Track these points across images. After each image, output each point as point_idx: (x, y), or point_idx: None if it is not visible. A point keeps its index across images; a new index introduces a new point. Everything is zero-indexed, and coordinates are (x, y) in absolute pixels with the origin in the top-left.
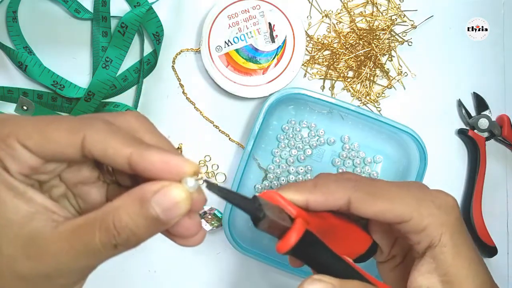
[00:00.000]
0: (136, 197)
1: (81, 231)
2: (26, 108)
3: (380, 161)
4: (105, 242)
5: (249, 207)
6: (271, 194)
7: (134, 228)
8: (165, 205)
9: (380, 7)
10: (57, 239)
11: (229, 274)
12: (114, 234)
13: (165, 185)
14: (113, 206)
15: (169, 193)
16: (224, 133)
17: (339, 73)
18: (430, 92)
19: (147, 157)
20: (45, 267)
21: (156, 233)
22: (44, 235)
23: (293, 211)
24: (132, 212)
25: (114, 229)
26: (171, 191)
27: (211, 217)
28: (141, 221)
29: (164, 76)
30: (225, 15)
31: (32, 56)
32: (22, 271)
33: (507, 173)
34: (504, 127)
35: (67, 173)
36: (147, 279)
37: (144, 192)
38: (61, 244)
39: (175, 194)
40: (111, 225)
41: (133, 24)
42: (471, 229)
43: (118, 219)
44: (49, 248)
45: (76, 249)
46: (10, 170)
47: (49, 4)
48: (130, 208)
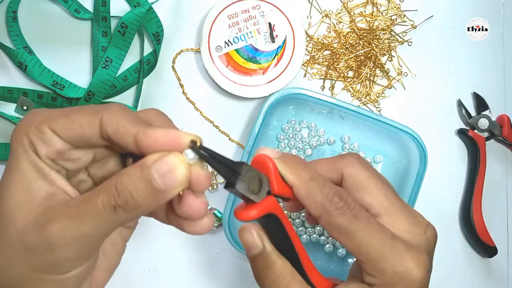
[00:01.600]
0: (138, 164)
1: (87, 198)
2: (26, 108)
3: (380, 161)
4: (106, 203)
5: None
6: (266, 160)
7: (133, 191)
8: (161, 171)
9: (380, 7)
10: (65, 210)
11: (229, 274)
12: (115, 194)
13: (164, 154)
14: (118, 173)
15: (165, 159)
16: (224, 133)
17: (339, 73)
18: (430, 92)
19: (150, 134)
20: (49, 235)
21: (156, 203)
22: (54, 210)
23: (276, 188)
24: (133, 175)
25: (115, 190)
26: (168, 158)
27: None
28: (140, 184)
29: (164, 76)
30: (225, 15)
31: (32, 56)
32: (28, 242)
33: (507, 173)
34: (504, 127)
35: (94, 168)
36: (147, 279)
37: (146, 160)
38: (67, 212)
39: (171, 160)
40: (113, 187)
41: (133, 24)
42: (471, 229)
43: (119, 181)
44: (56, 217)
45: (80, 214)
46: (40, 153)
47: (49, 4)
48: (131, 172)
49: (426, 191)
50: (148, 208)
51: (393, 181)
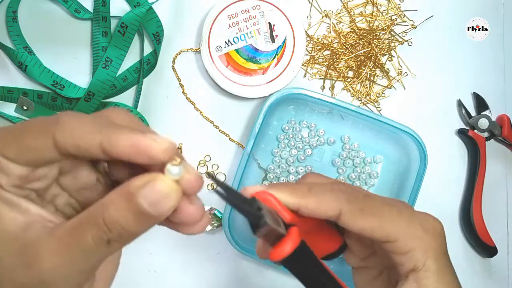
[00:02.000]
0: (123, 193)
1: (74, 232)
2: (26, 108)
3: (380, 161)
4: (97, 239)
5: (249, 211)
6: (266, 196)
7: (124, 224)
8: (152, 199)
9: (380, 7)
10: (52, 244)
11: (229, 274)
12: (105, 230)
13: (149, 179)
14: (102, 203)
15: (154, 187)
16: (224, 133)
17: (339, 73)
18: (430, 92)
19: (116, 143)
20: (42, 273)
21: (150, 226)
22: (39, 243)
23: (288, 217)
24: (120, 207)
25: (104, 226)
26: (155, 185)
27: (211, 217)
28: (130, 216)
29: (164, 76)
30: (225, 15)
31: (32, 56)
32: (20, 280)
33: (507, 173)
34: (504, 127)
35: (65, 180)
36: (147, 279)
37: (129, 187)
38: (56, 247)
39: (160, 187)
40: (101, 222)
41: (133, 24)
42: (471, 229)
43: (107, 215)
44: (44, 253)
45: (70, 250)
46: (1, 184)
47: (49, 4)
48: (117, 204)
49: (426, 191)
50: (144, 231)
51: (393, 181)
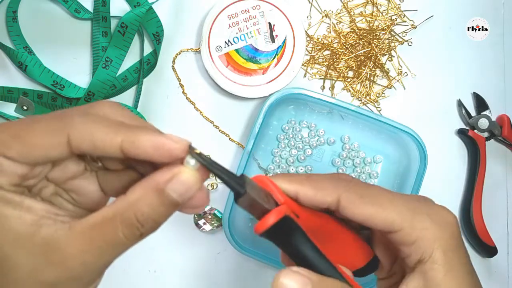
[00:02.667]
0: (152, 188)
1: (101, 229)
2: (26, 108)
3: (380, 161)
4: (130, 235)
5: (232, 181)
6: (262, 178)
7: (156, 217)
8: (180, 190)
9: (380, 7)
10: (75, 241)
11: (229, 274)
12: (138, 226)
13: (175, 173)
14: (130, 201)
15: (181, 179)
16: (224, 133)
17: (339, 73)
18: (430, 92)
19: (139, 144)
20: (71, 270)
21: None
22: (61, 240)
23: (281, 198)
24: (152, 203)
25: (137, 222)
26: (182, 177)
27: (211, 217)
28: (161, 209)
29: (164, 76)
30: (225, 15)
31: (32, 56)
32: (47, 279)
33: (507, 173)
34: (504, 127)
35: (54, 173)
36: (147, 279)
37: (158, 183)
38: (81, 245)
39: (187, 179)
40: (134, 219)
41: (133, 24)
42: (471, 229)
43: (140, 212)
44: (70, 251)
45: (98, 246)
46: (3, 186)
47: (49, 4)
48: (149, 199)
49: (426, 191)
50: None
51: (393, 181)
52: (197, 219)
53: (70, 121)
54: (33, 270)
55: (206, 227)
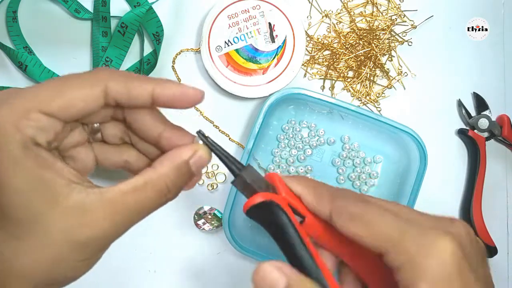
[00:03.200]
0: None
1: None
2: None
3: (380, 161)
4: (157, 199)
5: (230, 163)
6: (272, 174)
7: (181, 184)
8: (198, 164)
9: (380, 7)
10: (107, 205)
11: (229, 274)
12: (165, 192)
13: (196, 149)
14: (161, 171)
15: (199, 154)
16: (224, 133)
17: (339, 73)
18: (430, 92)
19: (168, 91)
20: (103, 231)
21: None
22: (93, 204)
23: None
24: (179, 173)
25: (166, 189)
26: (201, 153)
27: (211, 217)
28: (184, 178)
29: (164, 76)
30: (225, 15)
31: (32, 56)
32: (79, 239)
33: (507, 173)
34: (504, 127)
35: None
36: (147, 279)
37: (185, 158)
38: (113, 208)
39: (204, 154)
40: (164, 186)
41: (133, 24)
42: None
43: (169, 180)
44: (102, 214)
45: (129, 209)
46: (41, 143)
47: (49, 4)
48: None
49: (426, 191)
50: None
51: (393, 181)
52: (197, 219)
53: (106, 74)
54: (65, 230)
55: (206, 227)
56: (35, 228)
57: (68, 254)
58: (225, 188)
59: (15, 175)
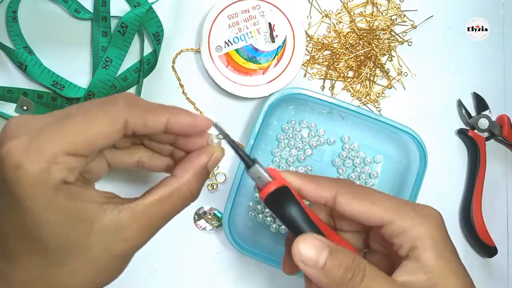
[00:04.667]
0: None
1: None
2: (26, 108)
3: (380, 161)
4: (183, 205)
5: (244, 155)
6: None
7: (202, 186)
8: (214, 164)
9: (380, 7)
10: (139, 218)
11: (229, 274)
12: (190, 198)
13: (212, 152)
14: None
15: (215, 157)
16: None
17: (339, 73)
18: (430, 92)
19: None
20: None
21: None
22: (126, 220)
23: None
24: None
25: (190, 194)
26: (217, 155)
27: (211, 217)
28: (205, 180)
29: (164, 76)
30: (225, 15)
31: (32, 56)
32: (119, 253)
33: (507, 173)
34: (504, 127)
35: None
36: (147, 280)
37: (204, 163)
38: (144, 220)
39: (218, 156)
40: (188, 192)
41: (133, 24)
42: (471, 229)
43: (193, 187)
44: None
45: (157, 218)
46: (70, 181)
47: (49, 4)
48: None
49: (426, 191)
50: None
51: (393, 181)
52: (197, 219)
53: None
54: (106, 248)
55: (206, 227)
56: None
57: (109, 266)
58: (225, 188)
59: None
